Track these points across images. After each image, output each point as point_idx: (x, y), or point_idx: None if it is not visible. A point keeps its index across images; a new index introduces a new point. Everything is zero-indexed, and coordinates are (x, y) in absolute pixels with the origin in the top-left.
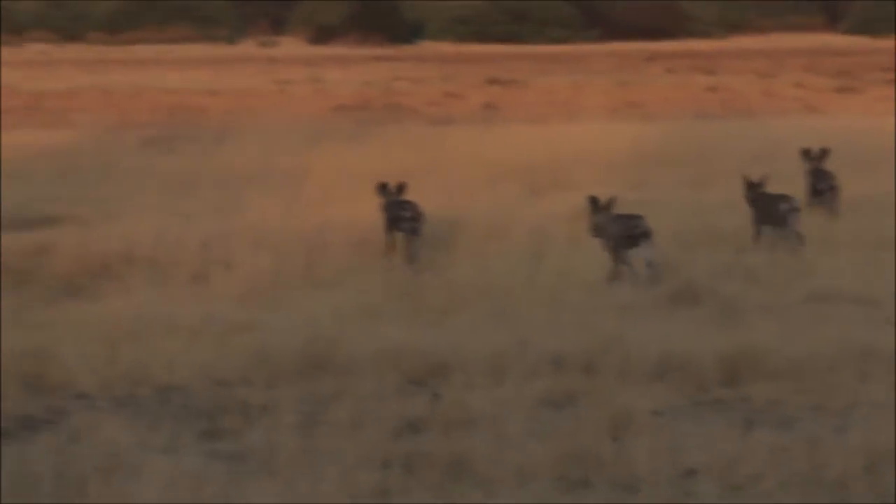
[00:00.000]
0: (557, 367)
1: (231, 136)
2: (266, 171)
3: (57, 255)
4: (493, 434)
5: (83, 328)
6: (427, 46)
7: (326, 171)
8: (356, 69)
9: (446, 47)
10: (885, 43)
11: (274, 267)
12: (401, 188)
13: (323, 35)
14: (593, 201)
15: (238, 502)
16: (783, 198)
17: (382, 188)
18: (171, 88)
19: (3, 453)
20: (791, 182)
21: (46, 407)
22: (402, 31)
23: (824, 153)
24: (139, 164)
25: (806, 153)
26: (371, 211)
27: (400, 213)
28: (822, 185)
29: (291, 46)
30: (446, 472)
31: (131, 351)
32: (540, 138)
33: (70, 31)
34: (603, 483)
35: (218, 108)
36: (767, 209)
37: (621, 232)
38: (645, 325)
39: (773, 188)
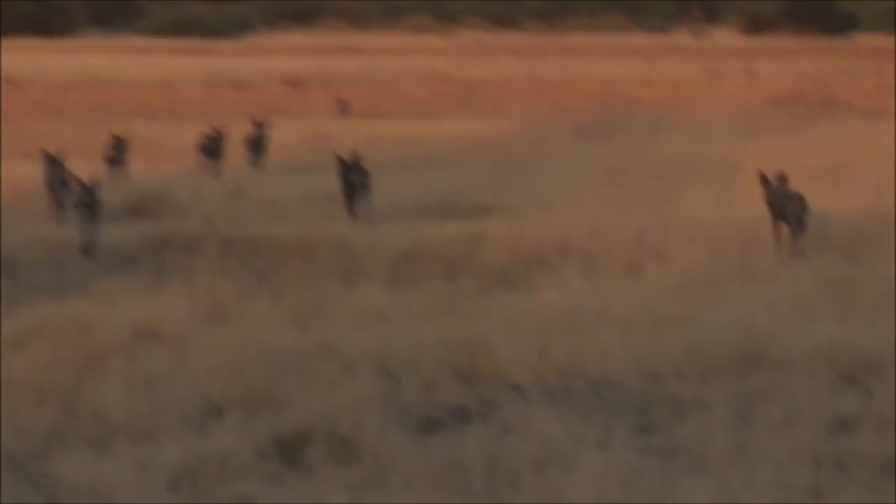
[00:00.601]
0: None
1: (664, 127)
2: (700, 162)
3: (491, 245)
4: None
5: (516, 319)
6: (861, 39)
7: (761, 163)
8: (790, 61)
9: (881, 40)
10: None
11: (708, 260)
12: (782, 179)
13: (757, 26)
14: None
15: (671, 499)
16: None
17: (764, 180)
18: (604, 78)
19: (435, 444)
20: None
21: (479, 398)
22: (836, 23)
23: None
24: (573, 154)
25: None
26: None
27: (784, 204)
28: None
29: (725, 37)
30: (879, 470)
31: (564, 342)
32: None
33: (504, 19)
34: None
35: (651, 99)
36: None
37: None
38: None
39: None
